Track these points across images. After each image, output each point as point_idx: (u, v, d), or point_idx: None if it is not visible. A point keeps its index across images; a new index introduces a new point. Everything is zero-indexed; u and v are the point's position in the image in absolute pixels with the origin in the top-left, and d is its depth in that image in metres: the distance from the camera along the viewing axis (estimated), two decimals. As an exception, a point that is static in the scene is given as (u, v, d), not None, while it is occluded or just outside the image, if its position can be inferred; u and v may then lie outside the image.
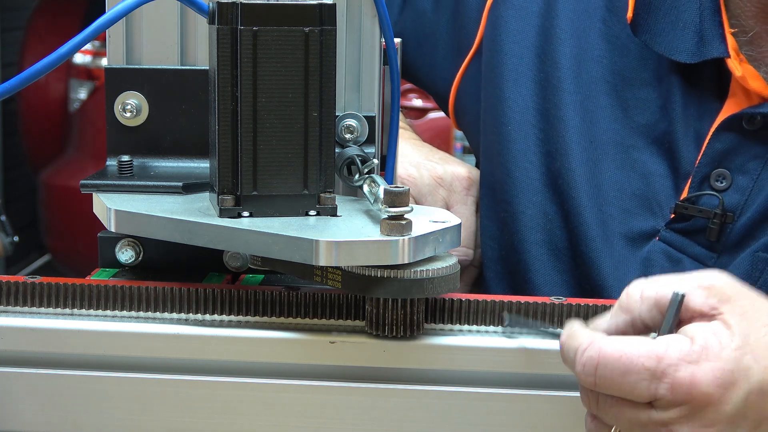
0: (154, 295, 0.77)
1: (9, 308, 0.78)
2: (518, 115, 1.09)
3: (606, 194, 1.05)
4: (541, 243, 1.08)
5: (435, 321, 0.77)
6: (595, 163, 1.05)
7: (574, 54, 1.08)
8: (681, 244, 1.04)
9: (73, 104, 3.46)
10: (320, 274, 0.75)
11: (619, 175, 1.05)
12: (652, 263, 1.04)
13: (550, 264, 1.08)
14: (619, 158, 1.05)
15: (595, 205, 1.05)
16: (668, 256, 1.04)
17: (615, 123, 1.06)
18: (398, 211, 0.72)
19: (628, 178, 1.05)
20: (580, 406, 0.74)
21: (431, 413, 0.75)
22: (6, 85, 0.73)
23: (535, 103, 1.09)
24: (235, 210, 0.76)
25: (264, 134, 0.76)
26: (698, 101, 1.04)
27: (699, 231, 1.03)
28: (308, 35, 0.75)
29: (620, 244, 1.05)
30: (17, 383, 0.76)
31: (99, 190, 0.83)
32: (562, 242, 1.07)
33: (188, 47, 0.87)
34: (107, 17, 0.75)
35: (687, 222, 1.03)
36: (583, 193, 1.05)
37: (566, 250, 1.07)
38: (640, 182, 1.05)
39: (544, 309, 0.76)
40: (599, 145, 1.06)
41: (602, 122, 1.06)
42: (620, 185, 1.05)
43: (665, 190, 1.05)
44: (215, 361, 0.75)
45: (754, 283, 0.99)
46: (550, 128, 1.07)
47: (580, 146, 1.06)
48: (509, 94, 1.09)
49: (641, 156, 1.05)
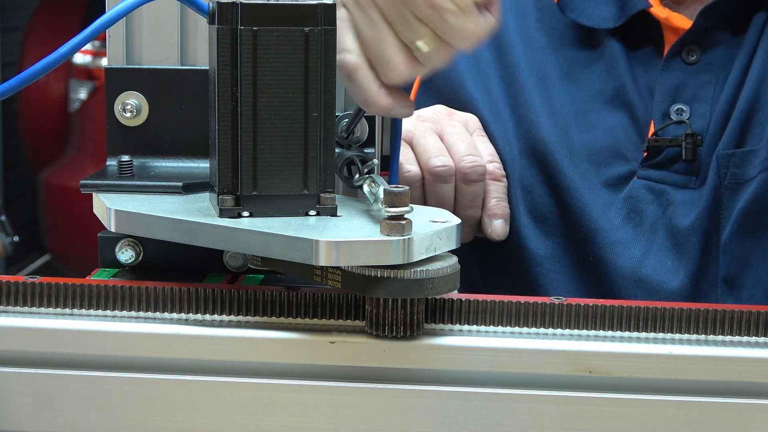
0: (154, 295, 0.77)
1: (9, 308, 0.78)
2: (488, 106, 1.18)
3: (579, 154, 1.15)
4: (526, 213, 1.17)
5: (435, 321, 0.77)
6: (562, 130, 1.15)
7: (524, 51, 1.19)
8: (659, 176, 1.13)
9: (73, 104, 3.46)
10: (320, 274, 0.75)
11: (585, 136, 1.15)
12: (636, 199, 1.14)
13: (538, 230, 1.17)
14: (581, 123, 1.16)
15: (572, 164, 1.14)
16: (650, 190, 1.14)
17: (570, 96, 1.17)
18: (398, 211, 0.72)
19: (594, 137, 1.15)
20: (580, 406, 0.74)
21: (431, 413, 0.75)
22: (6, 85, 0.73)
23: (502, 96, 1.18)
24: (235, 210, 0.77)
25: (264, 134, 0.76)
26: (640, 57, 1.16)
27: (674, 159, 1.13)
28: (308, 35, 0.75)
29: (602, 190, 1.14)
30: (17, 383, 0.76)
31: (99, 190, 0.83)
32: (546, 207, 1.16)
33: (188, 47, 0.87)
34: (107, 17, 0.75)
35: (660, 155, 1.13)
36: (559, 155, 1.15)
37: (551, 213, 1.16)
38: (606, 137, 1.15)
39: (544, 309, 0.76)
40: (561, 116, 1.16)
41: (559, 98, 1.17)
42: (588, 144, 1.15)
43: (631, 138, 1.16)
44: (215, 361, 0.75)
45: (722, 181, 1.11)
46: (520, 112, 1.17)
47: (548, 120, 1.16)
48: (477, 95, 1.18)
49: (600, 116, 1.16)
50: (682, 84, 1.14)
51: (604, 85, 1.17)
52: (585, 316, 0.76)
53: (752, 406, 0.74)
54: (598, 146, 1.16)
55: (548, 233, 1.17)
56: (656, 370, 0.74)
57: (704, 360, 0.74)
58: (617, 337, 0.76)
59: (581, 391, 0.75)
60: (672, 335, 0.76)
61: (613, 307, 0.76)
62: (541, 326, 0.76)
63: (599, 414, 0.75)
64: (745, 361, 0.74)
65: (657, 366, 0.74)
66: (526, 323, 0.76)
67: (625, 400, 0.75)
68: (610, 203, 1.14)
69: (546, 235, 1.17)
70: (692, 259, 1.14)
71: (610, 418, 0.75)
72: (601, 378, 0.75)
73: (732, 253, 1.13)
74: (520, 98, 1.18)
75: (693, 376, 0.74)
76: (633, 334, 0.76)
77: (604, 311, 0.76)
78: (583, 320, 0.76)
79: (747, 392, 0.74)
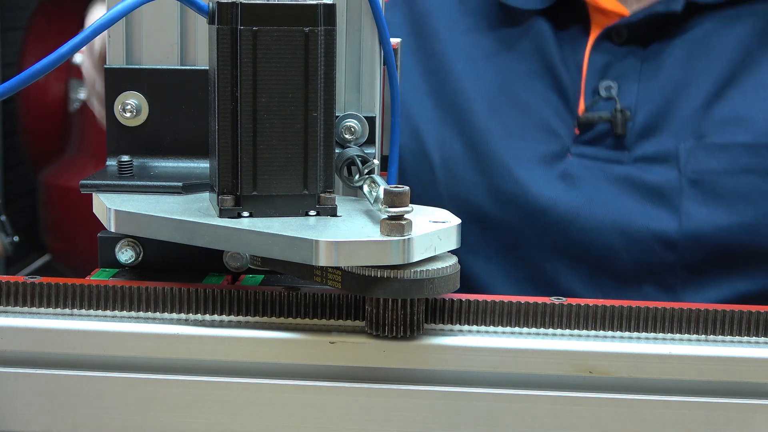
0: (154, 295, 0.77)
1: (9, 308, 0.78)
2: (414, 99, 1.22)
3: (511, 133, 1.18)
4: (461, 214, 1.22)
5: (435, 321, 0.77)
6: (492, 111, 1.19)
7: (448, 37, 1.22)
8: (593, 152, 1.17)
9: (73, 104, 3.46)
10: (320, 275, 0.75)
11: (514, 114, 1.18)
12: (571, 176, 1.17)
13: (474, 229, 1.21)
14: (510, 101, 1.19)
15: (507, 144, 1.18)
16: (585, 167, 1.17)
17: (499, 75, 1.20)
18: (398, 211, 0.72)
19: (524, 114, 1.18)
20: (580, 406, 0.74)
21: (431, 413, 0.75)
22: (6, 85, 0.73)
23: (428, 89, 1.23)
24: (235, 210, 0.77)
25: (264, 134, 0.76)
26: (568, 37, 1.20)
27: (605, 135, 1.17)
28: (308, 35, 0.75)
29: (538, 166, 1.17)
30: (17, 383, 0.76)
31: (99, 190, 0.83)
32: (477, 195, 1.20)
33: (188, 47, 0.87)
34: (107, 17, 0.75)
35: (592, 131, 1.16)
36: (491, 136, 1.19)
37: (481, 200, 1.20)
38: (535, 115, 1.18)
39: (544, 309, 0.76)
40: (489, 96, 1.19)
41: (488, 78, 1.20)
42: (518, 121, 1.18)
43: (561, 116, 1.20)
44: (215, 361, 0.75)
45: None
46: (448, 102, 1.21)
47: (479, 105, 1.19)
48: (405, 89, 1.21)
49: (530, 94, 1.19)
50: (609, 62, 1.18)
51: (532, 64, 1.20)
52: (585, 316, 0.76)
53: (752, 406, 0.74)
54: (530, 124, 1.19)
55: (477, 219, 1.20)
56: (656, 370, 0.74)
57: (704, 360, 0.74)
58: (617, 337, 0.76)
59: (581, 391, 0.75)
60: (672, 335, 0.76)
61: (613, 307, 0.76)
62: (541, 326, 0.76)
63: (599, 414, 0.75)
64: (745, 361, 0.74)
65: (657, 366, 0.74)
66: (526, 323, 0.76)
67: (625, 400, 0.75)
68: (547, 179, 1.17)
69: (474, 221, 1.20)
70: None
71: (610, 418, 0.75)
72: (601, 378, 0.75)
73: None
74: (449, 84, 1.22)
75: (693, 376, 0.74)
76: (633, 334, 0.76)
77: (604, 311, 0.76)
78: (583, 320, 0.76)
79: (747, 392, 0.74)
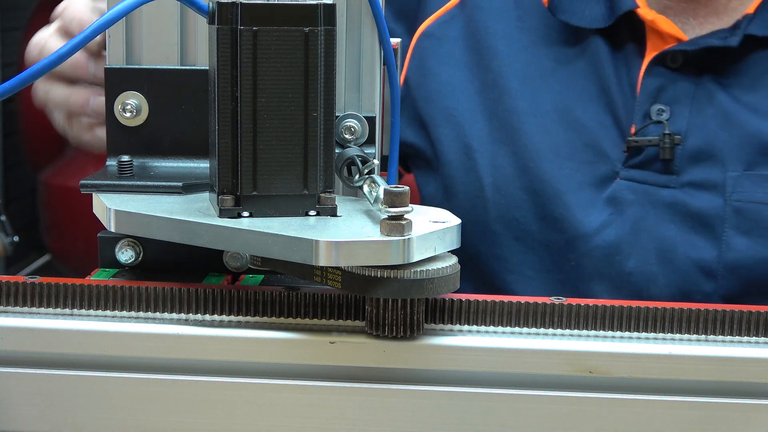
0: (154, 295, 0.77)
1: (9, 308, 0.78)
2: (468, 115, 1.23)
3: (561, 153, 1.18)
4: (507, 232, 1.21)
5: (435, 321, 0.77)
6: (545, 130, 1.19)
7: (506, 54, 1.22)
8: (641, 176, 1.16)
9: (73, 104, 3.45)
10: (320, 275, 0.75)
11: (568, 135, 1.18)
12: (618, 200, 1.16)
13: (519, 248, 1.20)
14: (564, 121, 1.18)
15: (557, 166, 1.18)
16: (632, 191, 1.16)
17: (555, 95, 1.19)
18: (398, 211, 0.72)
19: (577, 134, 1.18)
20: (580, 406, 0.74)
21: (431, 413, 0.75)
22: (6, 85, 0.73)
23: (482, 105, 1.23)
24: (235, 210, 0.76)
25: (264, 134, 0.76)
26: (624, 57, 1.19)
27: (653, 160, 1.16)
28: (308, 35, 0.75)
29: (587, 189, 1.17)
30: (17, 383, 0.76)
31: (99, 190, 0.83)
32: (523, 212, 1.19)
33: (188, 47, 0.87)
34: (107, 17, 0.75)
35: (641, 155, 1.17)
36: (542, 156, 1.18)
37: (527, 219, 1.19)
38: (588, 136, 1.18)
39: (544, 309, 0.76)
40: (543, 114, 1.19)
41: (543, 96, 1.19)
42: (571, 142, 1.18)
43: (613, 138, 1.18)
44: (215, 361, 0.75)
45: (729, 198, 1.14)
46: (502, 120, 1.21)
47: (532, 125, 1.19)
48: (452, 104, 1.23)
49: (584, 114, 1.18)
50: (663, 85, 1.17)
51: (587, 84, 1.20)
52: (585, 316, 0.76)
53: (752, 406, 0.74)
54: (581, 144, 1.18)
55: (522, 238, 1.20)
56: (656, 370, 0.74)
57: (704, 360, 0.74)
58: (617, 337, 0.76)
59: (581, 391, 0.75)
60: (672, 335, 0.76)
61: (613, 307, 0.76)
62: (541, 326, 0.76)
63: (599, 414, 0.75)
64: (745, 361, 0.74)
65: (657, 366, 0.74)
66: (526, 323, 0.76)
67: (625, 400, 0.75)
68: (592, 203, 1.17)
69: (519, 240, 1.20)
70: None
71: (610, 418, 0.75)
72: (601, 378, 0.75)
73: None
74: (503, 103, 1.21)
75: (693, 376, 0.74)
76: (633, 334, 0.76)
77: (604, 311, 0.76)
78: (583, 320, 0.76)
79: (747, 392, 0.74)
